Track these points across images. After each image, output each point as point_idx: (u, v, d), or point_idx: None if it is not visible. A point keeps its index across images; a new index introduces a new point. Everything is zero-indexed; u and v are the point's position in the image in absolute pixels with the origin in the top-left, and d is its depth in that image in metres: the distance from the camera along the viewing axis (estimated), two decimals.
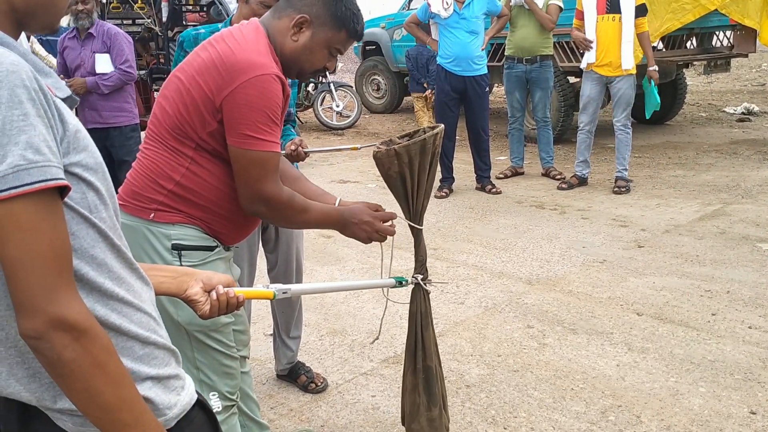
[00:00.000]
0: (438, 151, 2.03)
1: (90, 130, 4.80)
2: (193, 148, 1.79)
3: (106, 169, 1.07)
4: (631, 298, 3.77)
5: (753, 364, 3.01)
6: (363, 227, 1.96)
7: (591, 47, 5.75)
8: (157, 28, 8.29)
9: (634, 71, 5.75)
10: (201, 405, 1.20)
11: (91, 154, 1.03)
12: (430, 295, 2.17)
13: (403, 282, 2.07)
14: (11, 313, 0.97)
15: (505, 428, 2.65)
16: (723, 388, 2.84)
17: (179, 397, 1.13)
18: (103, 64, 4.78)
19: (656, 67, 5.84)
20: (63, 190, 0.94)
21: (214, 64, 1.74)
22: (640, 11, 5.71)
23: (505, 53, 6.57)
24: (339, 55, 1.95)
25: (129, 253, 1.11)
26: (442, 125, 2.09)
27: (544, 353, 3.21)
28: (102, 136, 4.76)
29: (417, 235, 2.14)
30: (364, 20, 1.95)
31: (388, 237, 2.04)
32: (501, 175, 6.68)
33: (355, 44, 12.48)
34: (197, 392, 1.21)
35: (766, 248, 4.40)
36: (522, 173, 6.82)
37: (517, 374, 3.04)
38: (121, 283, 1.07)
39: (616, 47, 5.69)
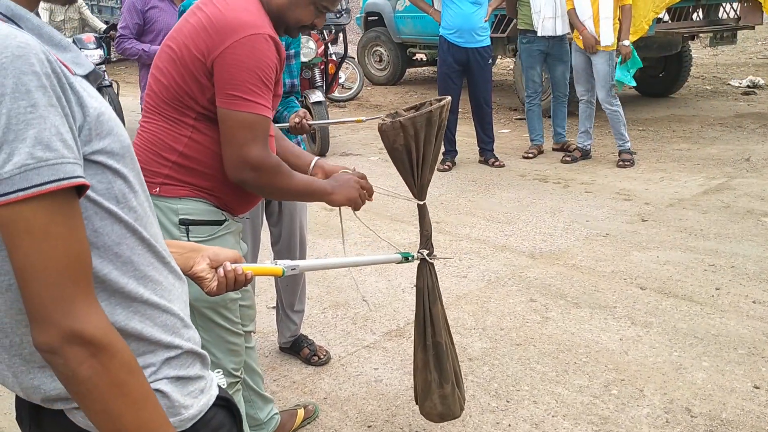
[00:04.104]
0: (444, 123, 1.99)
1: None
2: (193, 118, 1.75)
3: (133, 152, 0.99)
4: (634, 272, 3.76)
5: (757, 338, 3.01)
6: (353, 185, 1.91)
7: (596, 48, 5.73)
8: None
9: (613, 47, 5.69)
10: (221, 402, 1.12)
11: (116, 138, 0.93)
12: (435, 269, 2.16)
13: (410, 258, 2.08)
14: (18, 321, 0.91)
15: (507, 401, 2.66)
16: (726, 363, 2.83)
17: (195, 400, 1.06)
18: None
19: (628, 42, 5.72)
20: (81, 188, 0.85)
21: (204, 26, 1.68)
22: None
23: (520, 26, 6.40)
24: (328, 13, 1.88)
25: (161, 243, 1.03)
26: (449, 97, 2.06)
27: (547, 327, 3.21)
28: None
29: (421, 209, 2.13)
30: None
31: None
32: (529, 155, 6.38)
33: (358, 15, 12.26)
34: (220, 388, 1.14)
35: None
36: (542, 152, 6.53)
37: (519, 348, 3.04)
38: (148, 282, 0.99)
39: (594, 22, 5.66)
